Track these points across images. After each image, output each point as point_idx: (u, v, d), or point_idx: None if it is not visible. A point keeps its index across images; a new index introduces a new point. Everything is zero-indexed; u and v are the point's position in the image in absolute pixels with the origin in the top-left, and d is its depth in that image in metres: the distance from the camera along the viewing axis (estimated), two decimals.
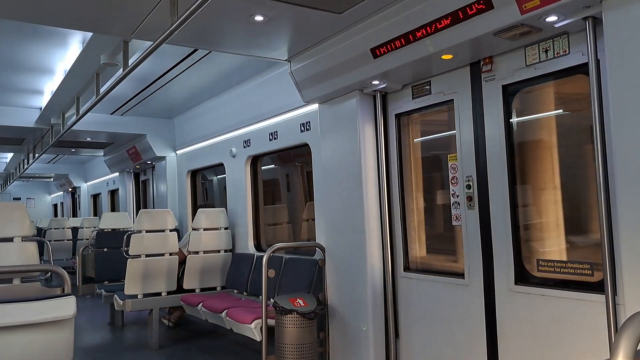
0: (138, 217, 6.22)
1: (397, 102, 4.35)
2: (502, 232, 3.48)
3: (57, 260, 10.06)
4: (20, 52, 5.58)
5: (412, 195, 4.38)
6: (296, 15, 3.77)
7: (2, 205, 4.24)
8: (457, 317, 3.83)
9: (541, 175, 3.56)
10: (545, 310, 3.25)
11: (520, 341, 3.39)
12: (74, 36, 5.13)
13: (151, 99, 7.36)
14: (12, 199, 20.39)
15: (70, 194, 17.78)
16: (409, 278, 4.27)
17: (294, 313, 4.33)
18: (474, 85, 3.69)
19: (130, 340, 6.67)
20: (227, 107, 7.04)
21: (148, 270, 6.05)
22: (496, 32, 3.11)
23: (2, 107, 7.78)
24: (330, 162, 4.73)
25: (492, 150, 3.56)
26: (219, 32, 4.04)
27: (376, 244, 4.36)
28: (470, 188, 3.72)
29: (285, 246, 5.11)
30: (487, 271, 3.61)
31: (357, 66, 4.08)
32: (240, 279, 6.24)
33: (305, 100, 4.87)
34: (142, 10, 3.63)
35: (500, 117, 3.50)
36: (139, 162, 9.57)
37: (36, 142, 9.58)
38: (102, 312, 7.76)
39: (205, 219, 6.52)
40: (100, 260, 7.42)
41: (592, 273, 3.09)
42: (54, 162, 14.39)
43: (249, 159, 6.63)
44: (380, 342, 4.33)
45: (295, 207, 8.04)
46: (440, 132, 4.36)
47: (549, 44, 3.20)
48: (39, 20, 3.93)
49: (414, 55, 3.62)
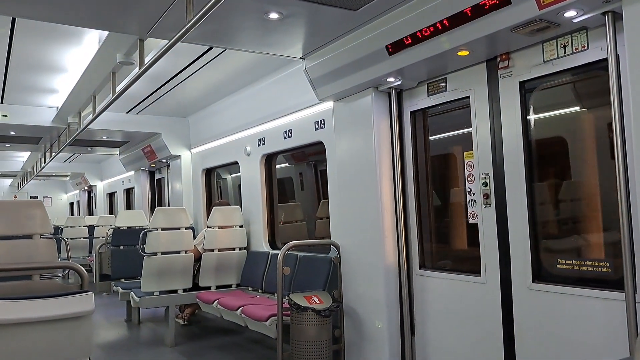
0: (154, 215, 6.26)
1: (413, 99, 4.33)
2: (520, 229, 3.45)
3: (74, 257, 10.15)
4: (37, 51, 5.65)
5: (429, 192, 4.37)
6: (311, 13, 3.76)
7: (21, 203, 4.29)
8: (473, 315, 3.81)
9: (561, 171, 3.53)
10: (563, 308, 3.21)
11: (537, 339, 3.36)
12: (90, 35, 5.17)
13: (166, 97, 7.40)
14: (29, 197, 20.63)
15: (87, 193, 17.95)
16: (424, 275, 4.25)
17: (310, 310, 4.34)
18: (491, 82, 3.66)
19: (147, 337, 6.73)
20: (242, 105, 7.06)
21: (164, 268, 6.09)
22: (513, 28, 3.08)
23: (20, 106, 7.87)
24: (345, 160, 4.72)
25: (509, 147, 3.53)
26: (234, 30, 4.04)
27: (391, 241, 4.35)
28: (486, 185, 3.70)
29: (300, 244, 5.11)
30: (504, 269, 3.59)
31: (372, 63, 4.07)
32: (255, 277, 6.26)
33: (320, 98, 4.87)
34: (157, 9, 3.65)
35: (517, 113, 3.47)
36: (154, 161, 9.63)
37: (53, 141, 9.68)
38: (119, 309, 7.84)
39: (220, 217, 6.55)
40: (117, 257, 7.47)
41: (612, 270, 3.05)
42: (70, 160, 14.53)
43: (264, 158, 6.64)
44: (396, 340, 4.33)
45: (310, 205, 8.06)
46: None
47: (567, 39, 3.16)
48: (56, 20, 3.96)
49: (430, 52, 3.60)
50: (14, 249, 3.98)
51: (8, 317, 3.30)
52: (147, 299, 6.07)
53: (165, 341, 6.12)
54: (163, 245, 6.14)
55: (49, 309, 3.40)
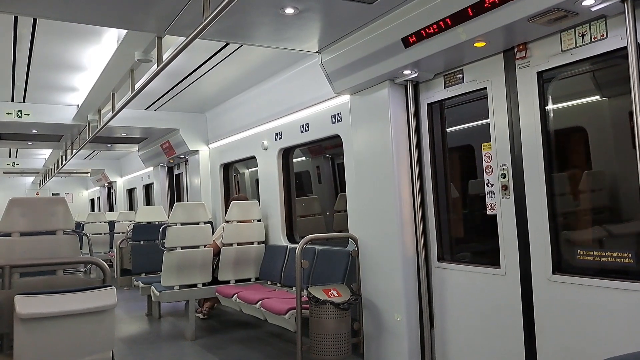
0: (173, 210, 6.33)
1: (429, 91, 4.31)
2: (539, 220, 3.43)
3: (95, 253, 10.28)
4: (58, 51, 5.74)
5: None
6: (327, 7, 3.77)
7: (45, 199, 4.36)
8: (493, 307, 3.80)
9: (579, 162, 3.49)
10: (584, 300, 3.19)
11: (558, 331, 3.35)
12: (109, 34, 5.24)
13: (184, 93, 7.47)
14: (51, 194, 20.96)
15: (107, 189, 18.19)
16: (443, 268, 4.25)
17: (328, 304, 4.36)
18: (508, 73, 3.64)
19: (167, 330, 6.82)
20: (259, 100, 7.09)
21: (184, 262, 6.16)
22: (530, 18, 3.05)
23: (41, 105, 8.00)
24: (362, 153, 4.73)
25: (527, 138, 3.51)
26: (250, 25, 4.07)
27: (410, 233, 4.35)
28: (505, 177, 3.68)
29: (318, 237, 5.13)
30: (523, 260, 3.57)
31: (388, 56, 4.06)
32: (273, 270, 6.31)
33: (336, 92, 4.88)
34: (175, 6, 3.69)
35: (535, 104, 3.44)
36: (172, 156, 9.72)
37: (74, 138, 9.82)
38: (140, 303, 7.96)
39: (239, 212, 6.60)
40: (137, 252, 7.57)
41: (634, 261, 3.02)
42: (90, 157, 14.73)
43: (281, 152, 6.67)
44: (415, 332, 4.33)
45: (327, 199, 8.07)
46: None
47: (585, 28, 3.13)
48: (76, 19, 4.02)
49: (446, 44, 3.58)
50: (38, 245, 4.07)
51: (34, 312, 3.38)
52: (168, 293, 6.16)
53: (185, 335, 6.20)
54: (182, 240, 6.21)
55: (74, 303, 3.48)
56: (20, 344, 3.36)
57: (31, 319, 3.37)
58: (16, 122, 7.94)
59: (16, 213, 4.00)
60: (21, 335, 3.36)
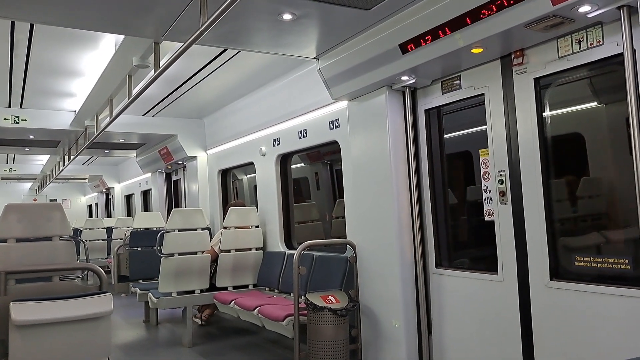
0: (171, 217, 6.32)
1: (427, 97, 4.32)
2: (536, 226, 3.43)
3: (93, 259, 10.26)
4: (55, 56, 5.73)
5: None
6: (324, 13, 3.77)
7: (41, 205, 4.35)
8: (491, 313, 3.79)
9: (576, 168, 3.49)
10: (581, 306, 3.18)
11: (555, 337, 3.34)
12: (106, 40, 5.24)
13: (182, 99, 7.47)
14: (49, 200, 20.92)
15: (104, 195, 18.15)
16: (441, 274, 4.24)
17: (326, 310, 4.35)
18: (505, 79, 3.64)
19: (165, 337, 6.79)
20: (256, 106, 7.09)
21: (181, 269, 6.14)
22: (527, 24, 3.06)
23: (39, 110, 7.99)
24: (360, 159, 4.72)
25: (524, 144, 3.51)
26: (248, 31, 4.07)
27: (407, 240, 4.35)
28: (502, 183, 3.68)
29: (316, 244, 5.12)
30: (521, 267, 3.56)
31: (385, 62, 4.07)
32: (271, 277, 6.29)
33: (334, 98, 4.88)
34: (172, 12, 3.69)
35: (532, 110, 3.45)
36: (170, 162, 9.71)
37: (71, 144, 9.81)
38: (137, 310, 7.92)
39: (237, 218, 6.59)
40: (135, 259, 7.55)
41: (631, 267, 3.01)
42: (88, 163, 14.72)
43: (279, 158, 6.67)
44: (413, 339, 4.32)
45: (326, 205, 8.06)
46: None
47: (582, 34, 3.14)
48: (73, 25, 4.03)
49: (444, 50, 3.59)
50: (34, 251, 4.05)
51: (29, 318, 3.36)
52: (165, 299, 6.13)
53: (183, 341, 6.17)
54: (180, 246, 6.19)
55: (69, 309, 3.46)
56: (16, 351, 3.34)
57: (27, 325, 3.36)
58: (13, 127, 7.92)
59: (12, 219, 3.99)
60: (17, 342, 3.34)
